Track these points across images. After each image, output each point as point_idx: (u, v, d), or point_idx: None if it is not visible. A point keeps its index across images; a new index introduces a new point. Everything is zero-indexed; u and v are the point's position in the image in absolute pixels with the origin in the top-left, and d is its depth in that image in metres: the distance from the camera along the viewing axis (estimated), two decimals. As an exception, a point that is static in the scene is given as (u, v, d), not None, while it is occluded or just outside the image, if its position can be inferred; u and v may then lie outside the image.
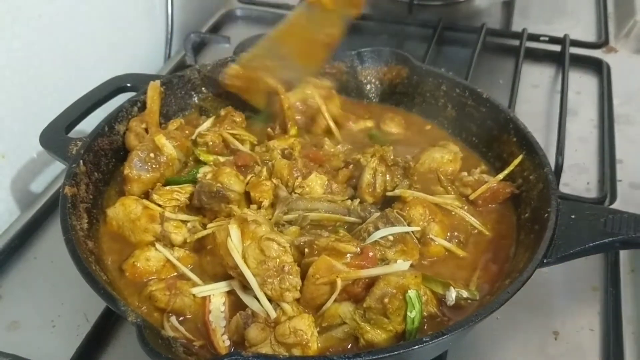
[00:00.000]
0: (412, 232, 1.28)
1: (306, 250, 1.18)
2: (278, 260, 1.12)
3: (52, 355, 1.29)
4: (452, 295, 1.20)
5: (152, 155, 1.41)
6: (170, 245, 1.30)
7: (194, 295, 1.20)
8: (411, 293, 1.11)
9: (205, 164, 1.48)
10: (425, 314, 1.14)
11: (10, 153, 1.69)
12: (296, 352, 1.08)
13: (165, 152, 1.43)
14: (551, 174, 1.31)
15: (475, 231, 1.36)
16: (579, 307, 1.42)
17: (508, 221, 1.40)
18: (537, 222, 1.27)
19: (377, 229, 1.25)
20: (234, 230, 1.15)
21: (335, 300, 1.13)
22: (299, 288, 1.13)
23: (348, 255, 1.15)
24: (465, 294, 1.19)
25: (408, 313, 1.11)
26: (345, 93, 1.75)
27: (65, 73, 1.84)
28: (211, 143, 1.52)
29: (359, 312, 1.11)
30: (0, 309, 1.43)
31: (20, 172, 1.75)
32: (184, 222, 1.33)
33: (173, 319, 1.19)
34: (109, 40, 2.06)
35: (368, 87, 1.75)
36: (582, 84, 2.15)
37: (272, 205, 1.35)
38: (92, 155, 1.41)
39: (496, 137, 1.52)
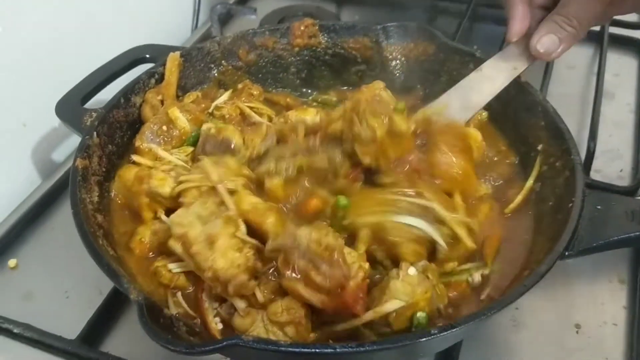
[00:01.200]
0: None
1: (281, 256, 1.07)
2: (211, 271, 1.07)
3: (64, 325, 1.28)
4: (477, 277, 1.18)
5: (164, 128, 1.39)
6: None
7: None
8: (420, 316, 1.05)
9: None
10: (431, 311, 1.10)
11: (31, 122, 1.70)
12: (290, 330, 1.04)
13: (178, 126, 1.40)
14: (579, 161, 1.25)
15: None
16: (603, 299, 1.36)
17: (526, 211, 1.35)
18: (561, 211, 1.21)
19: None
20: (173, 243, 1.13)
21: None
22: (247, 281, 1.06)
23: None
24: (487, 270, 1.18)
25: (413, 329, 1.06)
26: (369, 70, 1.69)
27: (87, 42, 1.83)
28: (228, 116, 1.49)
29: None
30: (16, 279, 1.44)
31: (41, 141, 1.76)
32: (169, 171, 1.27)
33: (179, 294, 1.18)
34: (133, 9, 2.03)
35: (393, 63, 1.69)
36: (621, 66, 2.06)
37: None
38: (106, 127, 1.39)
39: (523, 119, 1.45)
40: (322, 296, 1.03)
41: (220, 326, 1.11)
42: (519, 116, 1.47)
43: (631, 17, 2.21)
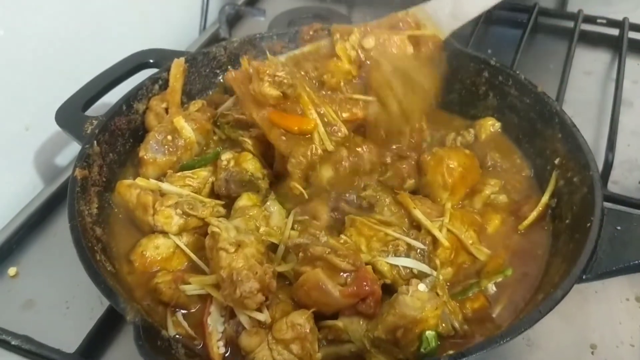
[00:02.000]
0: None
1: (300, 254, 1.10)
2: (228, 268, 1.05)
3: (63, 337, 1.25)
4: (492, 287, 1.17)
5: (169, 137, 1.35)
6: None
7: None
8: (429, 334, 1.02)
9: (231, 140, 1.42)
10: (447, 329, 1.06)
11: (34, 125, 1.66)
12: (295, 348, 1.01)
13: (183, 135, 1.36)
14: (597, 178, 1.19)
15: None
16: (620, 318, 1.31)
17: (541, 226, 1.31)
18: (578, 230, 1.16)
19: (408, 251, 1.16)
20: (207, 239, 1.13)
21: (344, 315, 1.05)
22: (256, 292, 1.03)
23: (343, 273, 1.06)
24: (500, 278, 1.18)
25: (422, 349, 1.02)
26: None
27: (93, 44, 1.79)
28: (234, 124, 1.45)
29: (369, 337, 1.03)
30: (16, 288, 1.40)
31: (44, 145, 1.72)
32: (175, 207, 1.24)
33: (179, 314, 1.14)
34: (141, 10, 2.00)
35: None
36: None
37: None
38: (107, 135, 1.35)
39: (539, 131, 1.40)
40: (339, 285, 1.04)
41: (222, 350, 1.07)
42: (534, 127, 1.42)
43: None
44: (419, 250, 1.16)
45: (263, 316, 1.05)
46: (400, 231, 1.18)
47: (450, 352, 0.96)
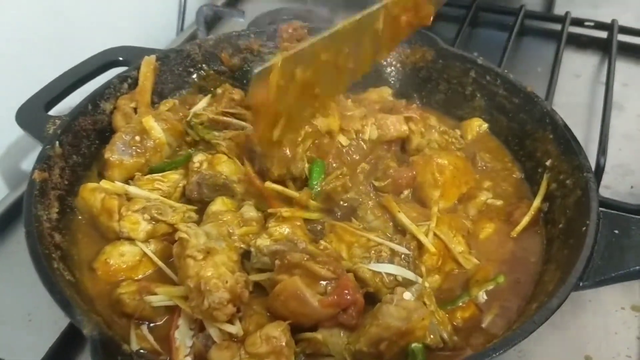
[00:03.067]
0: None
1: (277, 262, 1.03)
2: (196, 277, 0.98)
3: (25, 352, 1.17)
4: (482, 295, 1.12)
5: (137, 138, 1.28)
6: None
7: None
8: (416, 347, 0.95)
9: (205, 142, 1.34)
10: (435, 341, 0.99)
11: (-2, 128, 1.56)
12: None
13: (153, 136, 1.29)
14: (592, 180, 1.14)
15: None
16: (615, 328, 1.25)
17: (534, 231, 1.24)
18: (573, 235, 1.10)
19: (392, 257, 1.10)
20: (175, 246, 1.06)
21: (324, 326, 0.97)
22: (227, 303, 0.96)
23: (323, 282, 0.99)
24: (491, 285, 1.13)
25: None
26: (362, 77, 1.56)
27: (61, 44, 1.70)
28: (208, 124, 1.37)
29: (350, 350, 0.96)
30: (-27, 300, 1.31)
31: (9, 149, 1.63)
32: (142, 212, 1.17)
33: (144, 327, 1.05)
34: (115, 10, 1.91)
35: (388, 70, 1.59)
36: (630, 76, 1.94)
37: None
38: (71, 136, 1.27)
39: (530, 132, 1.35)
40: (318, 294, 0.98)
41: (189, 366, 0.98)
42: (524, 129, 1.37)
43: (640, 24, 2.13)
44: (403, 256, 1.09)
45: (235, 329, 0.98)
46: (383, 236, 1.11)
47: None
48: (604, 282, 1.02)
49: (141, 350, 1.00)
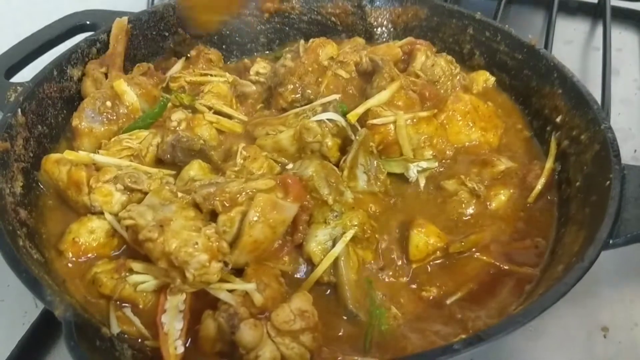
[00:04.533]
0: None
1: (218, 203, 0.93)
2: (164, 257, 0.87)
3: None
4: (413, 171, 1.13)
5: (108, 104, 1.16)
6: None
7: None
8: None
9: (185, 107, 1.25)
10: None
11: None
12: (306, 339, 0.85)
13: (125, 101, 1.17)
14: (611, 131, 1.06)
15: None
16: (632, 298, 1.18)
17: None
18: (594, 192, 1.02)
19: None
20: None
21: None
22: (209, 263, 0.86)
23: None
24: (424, 164, 1.14)
25: None
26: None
27: (24, 6, 1.57)
28: (188, 87, 1.29)
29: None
30: None
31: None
32: (114, 182, 1.05)
33: (128, 310, 0.93)
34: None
35: (379, 30, 1.50)
36: (623, 41, 1.90)
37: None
38: (35, 104, 1.15)
39: (536, 89, 1.28)
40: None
41: (180, 350, 0.87)
42: (529, 85, 1.30)
43: (633, -11, 2.08)
44: (333, 105, 1.14)
45: (250, 286, 0.88)
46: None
47: (463, 336, 0.82)
48: (637, 239, 0.93)
49: (123, 335, 0.88)
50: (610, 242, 0.90)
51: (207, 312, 0.87)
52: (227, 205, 0.92)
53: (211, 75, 1.27)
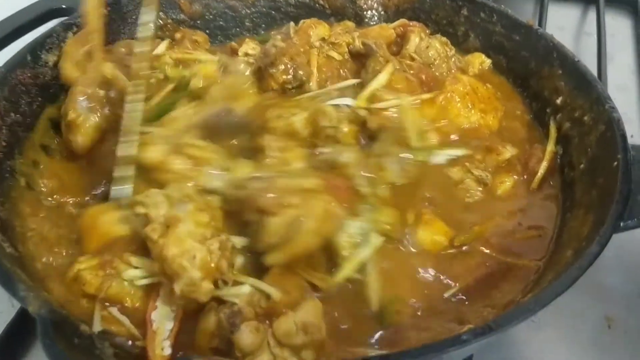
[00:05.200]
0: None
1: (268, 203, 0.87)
2: (160, 261, 0.82)
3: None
4: (442, 160, 1.09)
5: (101, 92, 1.09)
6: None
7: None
8: None
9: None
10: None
11: None
12: (307, 357, 0.77)
13: (118, 85, 1.10)
14: (616, 110, 1.02)
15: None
16: (636, 286, 1.16)
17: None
18: (601, 174, 0.98)
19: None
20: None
21: None
22: (200, 281, 0.80)
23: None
24: (455, 152, 1.10)
25: None
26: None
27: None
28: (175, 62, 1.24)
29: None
30: None
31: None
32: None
33: (115, 310, 0.87)
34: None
35: (369, 14, 1.46)
36: (616, 26, 1.89)
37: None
38: (7, 91, 1.08)
39: (535, 71, 1.24)
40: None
41: (168, 351, 0.81)
42: (527, 67, 1.26)
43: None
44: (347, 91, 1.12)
45: (272, 288, 0.82)
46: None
47: (471, 326, 0.78)
48: (651, 220, 0.88)
49: (106, 333, 0.82)
50: (622, 224, 0.86)
51: (212, 304, 0.81)
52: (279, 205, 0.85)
53: (198, 54, 1.22)
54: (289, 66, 1.17)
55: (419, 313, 0.88)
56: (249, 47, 1.26)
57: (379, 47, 1.18)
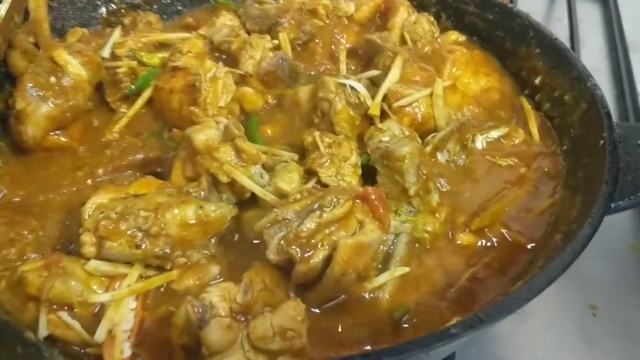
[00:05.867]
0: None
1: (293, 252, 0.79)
2: None
3: None
4: (482, 143, 1.03)
5: (52, 79, 1.00)
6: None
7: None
8: None
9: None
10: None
11: None
12: None
13: (70, 73, 1.03)
14: (598, 88, 0.98)
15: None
16: (618, 273, 1.13)
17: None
18: (586, 154, 0.94)
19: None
20: None
21: None
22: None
23: None
24: (495, 134, 1.04)
25: None
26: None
27: None
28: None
29: None
30: None
31: None
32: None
33: (65, 314, 0.78)
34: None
35: None
36: (585, 11, 1.88)
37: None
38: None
39: (510, 51, 1.20)
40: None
41: (128, 353, 0.74)
42: (502, 47, 1.21)
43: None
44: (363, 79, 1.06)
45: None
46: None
47: (456, 319, 0.72)
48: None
49: (54, 340, 0.73)
50: (612, 205, 0.81)
51: (188, 298, 0.73)
52: (305, 251, 0.78)
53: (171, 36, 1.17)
54: (294, 22, 1.17)
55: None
56: (227, 18, 1.20)
57: (384, 41, 1.12)
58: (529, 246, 0.88)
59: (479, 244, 0.89)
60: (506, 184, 0.96)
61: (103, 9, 1.29)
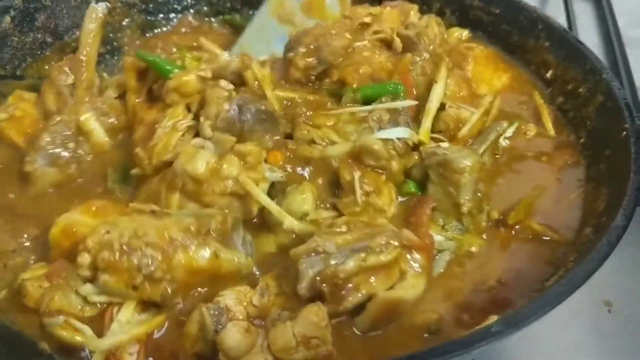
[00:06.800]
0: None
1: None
2: None
3: None
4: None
5: (71, 145, 0.98)
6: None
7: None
8: None
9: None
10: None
11: None
12: None
13: (91, 140, 0.99)
14: (614, 79, 0.97)
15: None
16: (634, 269, 1.10)
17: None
18: (607, 145, 0.93)
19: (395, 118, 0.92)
20: None
21: None
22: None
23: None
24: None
25: None
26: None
27: None
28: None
29: None
30: None
31: None
32: None
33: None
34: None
35: None
36: (577, 9, 1.83)
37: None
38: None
39: (518, 44, 1.19)
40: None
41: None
42: (509, 41, 1.20)
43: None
44: (403, 114, 0.92)
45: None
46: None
47: (495, 316, 0.69)
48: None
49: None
50: (645, 197, 0.80)
51: (200, 304, 0.70)
52: (339, 291, 0.73)
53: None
54: (311, 47, 0.99)
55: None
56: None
57: (418, 38, 1.04)
58: (559, 240, 0.86)
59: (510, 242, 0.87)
60: (530, 178, 0.94)
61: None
